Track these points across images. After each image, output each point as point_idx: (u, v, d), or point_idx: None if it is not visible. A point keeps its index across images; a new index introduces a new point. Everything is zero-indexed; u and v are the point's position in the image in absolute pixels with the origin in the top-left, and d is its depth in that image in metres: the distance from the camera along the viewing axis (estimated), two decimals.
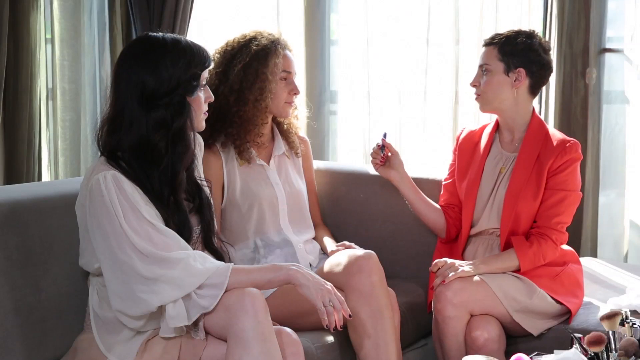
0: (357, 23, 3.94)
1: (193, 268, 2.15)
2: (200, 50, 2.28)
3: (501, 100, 2.82)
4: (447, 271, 2.68)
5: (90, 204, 2.18)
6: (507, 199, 2.79)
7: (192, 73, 2.24)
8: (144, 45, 2.27)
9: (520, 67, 2.78)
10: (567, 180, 2.78)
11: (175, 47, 2.24)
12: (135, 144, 2.21)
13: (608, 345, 2.17)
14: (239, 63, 2.78)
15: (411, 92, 3.88)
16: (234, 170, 2.83)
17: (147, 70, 2.20)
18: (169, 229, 2.20)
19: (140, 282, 2.13)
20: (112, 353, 2.23)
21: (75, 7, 4.04)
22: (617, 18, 3.59)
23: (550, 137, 2.82)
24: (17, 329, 2.29)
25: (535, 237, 2.77)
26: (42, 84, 4.00)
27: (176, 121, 2.22)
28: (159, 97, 2.20)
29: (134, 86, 2.21)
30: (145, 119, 2.21)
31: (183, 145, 2.25)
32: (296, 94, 2.86)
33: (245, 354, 2.13)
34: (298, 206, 2.92)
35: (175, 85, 2.21)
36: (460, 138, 2.99)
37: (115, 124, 2.24)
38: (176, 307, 2.14)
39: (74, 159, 4.11)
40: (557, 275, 2.80)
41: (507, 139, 2.89)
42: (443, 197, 3.00)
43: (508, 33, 2.83)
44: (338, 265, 2.65)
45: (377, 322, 2.55)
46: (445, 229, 2.95)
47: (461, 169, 2.94)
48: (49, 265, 2.39)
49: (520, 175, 2.79)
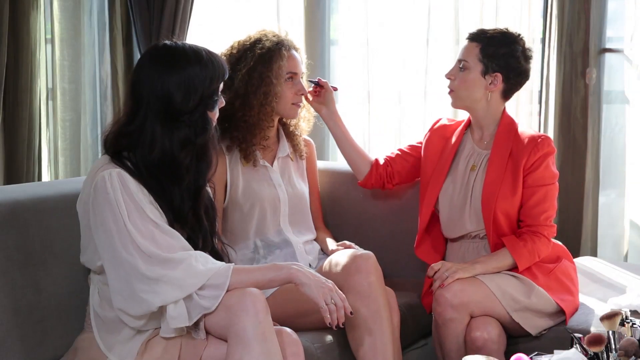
0: (357, 23, 3.94)
1: (194, 269, 2.15)
2: (222, 63, 2.26)
3: (473, 100, 2.82)
4: (445, 273, 2.68)
5: (95, 201, 2.18)
6: (485, 195, 2.78)
7: (214, 89, 2.23)
8: (167, 55, 2.22)
9: (498, 71, 2.78)
10: (545, 176, 2.78)
11: (199, 61, 2.20)
12: (158, 161, 2.19)
13: (608, 345, 2.17)
14: (244, 67, 2.77)
15: (411, 92, 3.88)
16: (237, 170, 2.83)
17: (175, 84, 2.17)
18: (172, 229, 2.20)
19: (142, 281, 2.13)
20: (112, 352, 2.23)
21: (75, 7, 4.04)
22: (617, 18, 3.59)
23: (519, 135, 2.82)
24: (17, 329, 2.29)
25: (528, 235, 2.77)
26: (42, 84, 4.00)
27: (200, 138, 2.22)
28: (185, 113, 2.19)
29: (158, 98, 2.18)
30: (168, 137, 2.19)
31: (207, 161, 2.25)
32: (303, 95, 2.85)
33: (245, 354, 2.13)
34: (299, 208, 2.92)
35: (198, 101, 2.20)
36: (434, 127, 3.00)
37: (133, 137, 2.21)
38: (177, 308, 2.14)
39: (74, 159, 4.11)
40: (551, 271, 2.81)
41: (477, 136, 2.90)
42: (388, 156, 3.04)
43: (493, 32, 2.81)
44: (337, 265, 2.65)
45: (375, 323, 2.55)
46: (365, 176, 3.02)
47: (428, 158, 2.94)
48: (49, 265, 2.39)
49: (495, 170, 2.79)
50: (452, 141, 2.91)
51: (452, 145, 2.90)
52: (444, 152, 2.91)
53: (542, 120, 3.55)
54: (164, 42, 2.28)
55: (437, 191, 2.88)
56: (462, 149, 2.90)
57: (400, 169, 3.01)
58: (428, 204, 2.89)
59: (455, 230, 2.88)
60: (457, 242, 2.90)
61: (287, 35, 2.87)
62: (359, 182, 3.06)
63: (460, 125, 2.95)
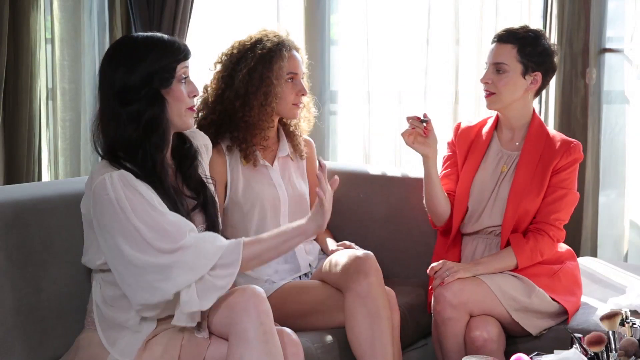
0: (357, 23, 3.94)
1: (204, 249, 2.16)
2: (174, 43, 2.29)
3: (512, 100, 2.82)
4: (445, 273, 2.68)
5: (96, 205, 2.19)
6: (511, 196, 2.79)
7: (164, 64, 2.25)
8: (117, 46, 2.32)
9: (537, 71, 2.78)
10: (568, 179, 2.79)
11: (146, 42, 2.27)
12: (117, 139, 2.24)
13: (608, 345, 2.17)
14: (244, 67, 2.76)
15: (411, 92, 3.88)
16: (238, 169, 2.83)
17: (119, 68, 2.23)
18: (178, 215, 2.21)
19: (155, 272, 2.14)
20: (114, 349, 2.23)
21: (75, 7, 4.05)
22: (617, 18, 3.59)
23: (551, 138, 2.83)
24: (17, 329, 2.30)
25: (533, 233, 2.78)
26: (42, 84, 4.00)
27: (147, 112, 2.23)
28: (132, 91, 2.22)
29: (108, 85, 2.24)
30: (122, 114, 2.22)
31: (157, 137, 2.25)
32: (304, 95, 2.85)
33: (246, 353, 2.13)
34: (299, 208, 2.92)
35: (146, 78, 2.23)
36: (458, 132, 2.98)
37: (101, 123, 2.27)
38: (190, 292, 2.15)
39: (74, 159, 4.11)
40: (555, 273, 2.81)
41: (507, 137, 2.89)
42: (445, 186, 2.93)
43: (524, 32, 2.79)
44: (336, 265, 2.65)
45: (374, 323, 2.55)
46: (446, 217, 2.91)
47: (459, 161, 2.94)
48: (49, 265, 2.39)
49: (524, 174, 2.79)
50: (480, 141, 2.90)
51: (481, 146, 2.90)
52: (472, 153, 2.90)
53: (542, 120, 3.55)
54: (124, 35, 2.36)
55: (468, 191, 2.87)
56: (490, 150, 2.90)
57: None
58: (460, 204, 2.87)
59: (473, 225, 2.88)
60: (471, 237, 2.90)
61: (288, 36, 2.86)
62: (438, 227, 2.93)
63: (486, 125, 2.93)
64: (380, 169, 3.32)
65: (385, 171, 3.28)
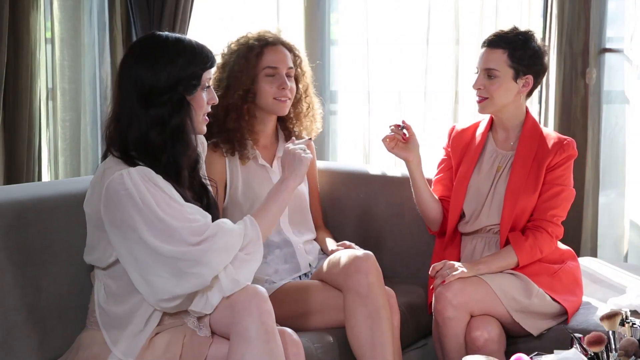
0: (357, 23, 3.94)
1: (229, 232, 2.21)
2: (203, 50, 2.28)
3: (505, 104, 2.82)
4: (447, 272, 2.68)
5: (109, 202, 2.17)
6: (508, 194, 2.80)
7: (192, 72, 2.24)
8: (145, 43, 2.29)
9: (529, 74, 2.79)
10: (564, 176, 2.81)
11: (176, 45, 2.25)
12: (135, 141, 2.22)
13: (608, 345, 2.17)
14: (228, 69, 2.79)
15: (411, 92, 3.88)
16: (237, 169, 2.83)
17: (146, 67, 2.21)
18: (193, 205, 2.23)
19: (188, 260, 2.14)
20: (117, 347, 2.23)
21: (75, 7, 4.04)
22: (617, 18, 3.59)
23: (545, 136, 2.85)
24: (17, 329, 2.30)
25: (531, 230, 2.78)
26: (42, 84, 4.00)
27: (174, 118, 2.22)
28: (157, 94, 2.21)
29: (133, 83, 2.22)
30: (144, 116, 2.21)
31: (182, 143, 2.25)
32: (284, 89, 2.81)
33: (248, 352, 2.13)
34: (299, 208, 2.92)
35: (174, 83, 2.21)
36: (452, 136, 2.98)
37: (118, 122, 2.25)
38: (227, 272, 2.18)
39: (74, 159, 4.11)
40: (556, 272, 2.81)
41: (501, 138, 2.90)
42: (437, 191, 2.97)
43: (512, 35, 2.79)
44: (336, 265, 2.65)
45: (374, 323, 2.55)
46: (440, 221, 2.94)
47: (455, 165, 2.94)
48: (49, 265, 2.39)
49: (520, 172, 2.81)
50: (475, 143, 2.91)
51: (475, 148, 2.90)
52: (467, 155, 2.91)
53: (542, 120, 3.56)
54: (152, 32, 2.33)
55: (463, 194, 2.87)
56: (484, 151, 2.91)
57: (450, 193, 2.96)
58: (455, 207, 2.88)
59: (472, 225, 2.89)
60: (470, 236, 2.91)
61: (279, 33, 2.86)
62: (434, 232, 2.97)
63: (480, 127, 2.94)
64: (380, 169, 3.32)
65: (385, 171, 3.28)
